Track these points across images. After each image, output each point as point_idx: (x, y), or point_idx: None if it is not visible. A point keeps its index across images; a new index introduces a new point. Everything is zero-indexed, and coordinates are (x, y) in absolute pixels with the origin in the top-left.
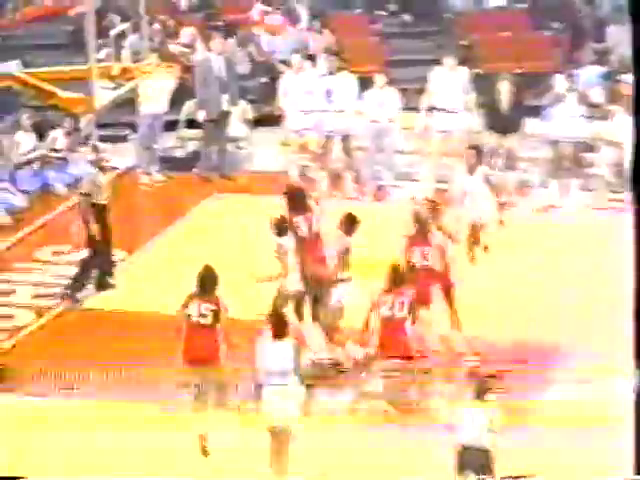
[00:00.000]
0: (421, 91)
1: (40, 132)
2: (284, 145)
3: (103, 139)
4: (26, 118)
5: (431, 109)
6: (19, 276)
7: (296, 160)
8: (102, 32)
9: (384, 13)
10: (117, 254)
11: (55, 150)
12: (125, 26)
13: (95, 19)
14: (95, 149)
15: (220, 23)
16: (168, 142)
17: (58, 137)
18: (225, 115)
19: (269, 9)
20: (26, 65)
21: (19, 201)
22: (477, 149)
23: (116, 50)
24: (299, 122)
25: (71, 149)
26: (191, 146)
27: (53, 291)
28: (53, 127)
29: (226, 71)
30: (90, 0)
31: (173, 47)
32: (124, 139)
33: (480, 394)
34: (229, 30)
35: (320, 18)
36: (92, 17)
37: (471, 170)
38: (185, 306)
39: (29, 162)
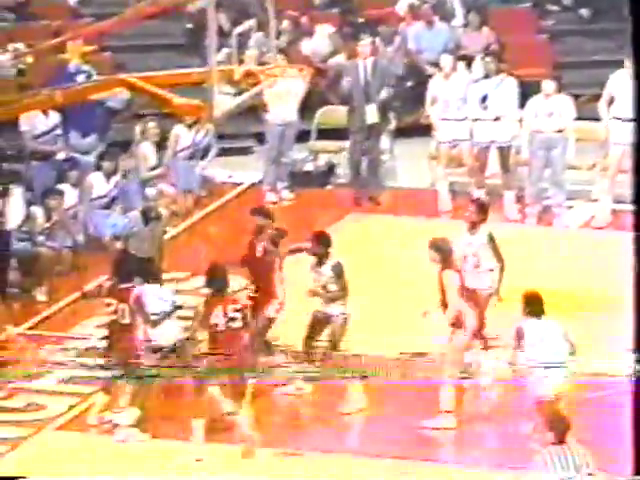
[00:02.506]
0: (597, 97)
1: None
2: (432, 159)
3: (224, 152)
4: (152, 127)
5: (610, 118)
6: None
7: (446, 176)
8: (219, 30)
9: (556, 8)
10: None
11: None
12: (250, 23)
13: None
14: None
15: (360, 19)
16: (297, 155)
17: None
18: (371, 128)
19: (417, 2)
20: (136, 69)
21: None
22: (480, 203)
23: (238, 51)
24: (450, 132)
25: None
26: (323, 159)
27: None
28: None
29: (372, 77)
30: None
31: (305, 47)
32: (248, 151)
33: None
34: (370, 28)
35: (478, 13)
36: (213, 13)
37: (472, 229)
38: (207, 316)
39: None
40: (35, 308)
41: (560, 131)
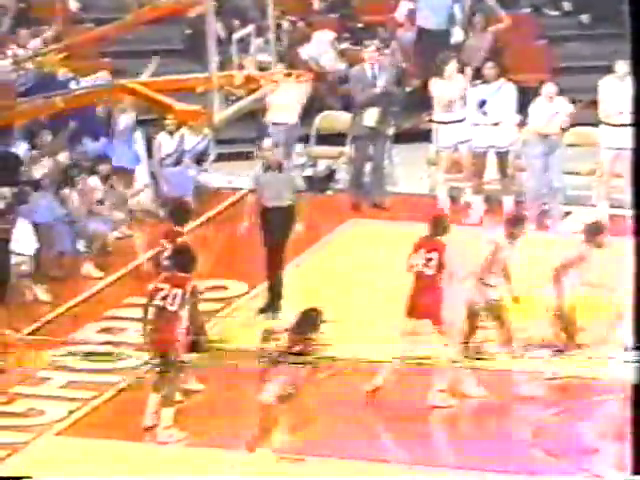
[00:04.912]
0: (594, 103)
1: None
2: (431, 164)
3: (223, 157)
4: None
5: (599, 123)
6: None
7: (446, 181)
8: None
9: (556, 13)
10: (236, 287)
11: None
12: (249, 29)
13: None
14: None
15: (359, 25)
16: (297, 160)
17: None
18: (377, 133)
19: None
20: (136, 74)
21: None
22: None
23: (238, 56)
24: (449, 136)
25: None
26: (322, 164)
27: None
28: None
29: (379, 82)
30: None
31: (304, 52)
32: (248, 156)
33: None
34: (368, 33)
35: (479, 18)
36: (213, 18)
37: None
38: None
39: None
40: (36, 312)
41: (562, 131)
